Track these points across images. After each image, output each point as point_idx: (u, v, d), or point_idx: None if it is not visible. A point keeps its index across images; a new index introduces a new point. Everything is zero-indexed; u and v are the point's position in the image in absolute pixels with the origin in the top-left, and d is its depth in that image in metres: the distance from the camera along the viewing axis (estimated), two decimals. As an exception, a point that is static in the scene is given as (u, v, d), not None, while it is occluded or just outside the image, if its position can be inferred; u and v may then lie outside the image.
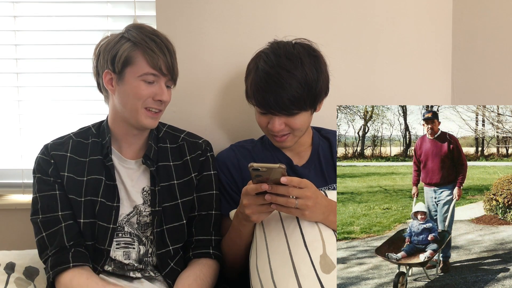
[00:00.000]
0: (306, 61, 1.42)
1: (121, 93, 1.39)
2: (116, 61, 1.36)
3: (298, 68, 1.40)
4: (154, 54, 1.36)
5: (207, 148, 1.54)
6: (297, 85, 1.39)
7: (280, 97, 1.38)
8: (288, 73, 1.39)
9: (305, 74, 1.40)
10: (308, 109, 1.45)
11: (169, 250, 1.44)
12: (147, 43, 1.36)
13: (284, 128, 1.45)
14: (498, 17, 1.77)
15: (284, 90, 1.38)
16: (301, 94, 1.39)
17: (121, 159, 1.47)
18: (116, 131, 1.46)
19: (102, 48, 1.41)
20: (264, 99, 1.40)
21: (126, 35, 1.38)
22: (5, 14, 1.92)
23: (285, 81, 1.38)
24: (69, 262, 1.35)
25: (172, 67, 1.40)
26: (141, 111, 1.39)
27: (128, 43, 1.37)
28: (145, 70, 1.36)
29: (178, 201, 1.46)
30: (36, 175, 1.43)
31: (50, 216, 1.39)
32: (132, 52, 1.36)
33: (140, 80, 1.37)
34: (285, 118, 1.43)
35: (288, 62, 1.40)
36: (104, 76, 1.39)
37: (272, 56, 1.42)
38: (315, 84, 1.42)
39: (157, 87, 1.39)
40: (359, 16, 1.79)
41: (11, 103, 1.96)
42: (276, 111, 1.41)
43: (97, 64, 1.42)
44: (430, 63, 1.83)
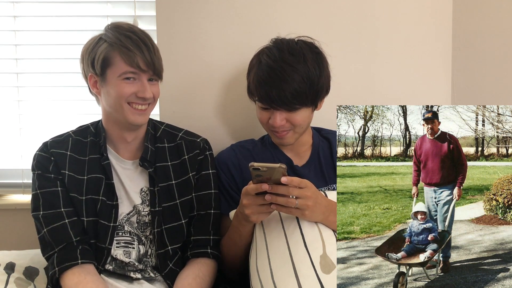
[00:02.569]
0: (308, 57, 1.42)
1: (105, 95, 1.39)
2: (95, 64, 1.37)
3: (300, 63, 1.40)
4: (130, 52, 1.34)
5: (205, 146, 1.53)
6: (300, 80, 1.39)
7: (282, 91, 1.38)
8: (291, 68, 1.39)
9: (307, 70, 1.41)
10: (310, 105, 1.45)
11: (168, 250, 1.44)
12: (122, 41, 1.35)
13: (285, 124, 1.45)
14: (498, 17, 1.77)
15: (286, 84, 1.38)
16: (303, 89, 1.40)
17: (119, 159, 1.47)
18: (110, 131, 1.46)
19: (84, 51, 1.41)
20: (267, 93, 1.40)
21: (103, 36, 1.39)
22: (5, 14, 1.92)
23: (288, 75, 1.38)
24: (77, 258, 1.34)
25: (152, 62, 1.37)
26: (125, 107, 1.38)
27: (105, 44, 1.37)
28: (124, 69, 1.36)
29: (177, 201, 1.46)
30: (36, 172, 1.43)
31: (52, 212, 1.39)
32: (109, 53, 1.36)
33: (120, 79, 1.36)
34: (286, 113, 1.43)
35: (291, 57, 1.41)
36: (89, 79, 1.40)
37: (275, 51, 1.43)
38: (317, 80, 1.43)
39: (139, 84, 1.38)
40: (359, 16, 1.79)
41: (11, 103, 1.95)
42: (278, 106, 1.41)
43: (83, 67, 1.43)
44: (430, 63, 1.83)
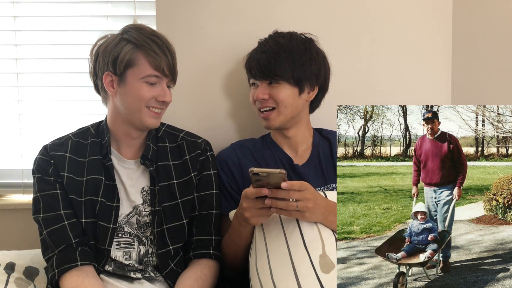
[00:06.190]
0: (296, 39, 1.53)
1: (123, 95, 1.39)
2: (118, 63, 1.35)
3: (285, 40, 1.51)
4: (157, 55, 1.36)
5: (206, 147, 1.53)
6: (280, 51, 1.48)
7: (262, 59, 1.49)
8: (275, 42, 1.51)
9: (291, 46, 1.49)
10: (292, 83, 1.49)
11: (169, 250, 1.44)
12: (149, 44, 1.36)
13: (268, 100, 1.50)
14: (498, 17, 1.77)
15: (267, 54, 1.49)
16: (282, 61, 1.47)
17: (120, 159, 1.47)
18: (115, 131, 1.46)
19: (101, 50, 1.40)
20: (250, 64, 1.53)
21: (125, 36, 1.38)
22: (5, 14, 1.92)
23: (270, 47, 1.51)
24: (76, 260, 1.35)
25: (173, 68, 1.40)
26: (144, 111, 1.39)
27: (130, 44, 1.36)
28: (148, 72, 1.36)
29: (178, 200, 1.46)
30: (36, 175, 1.43)
31: (52, 215, 1.39)
32: (134, 54, 1.36)
33: (142, 82, 1.37)
34: (268, 87, 1.50)
35: (278, 37, 1.54)
36: (104, 78, 1.39)
37: (268, 36, 1.57)
38: (300, 58, 1.49)
39: (160, 88, 1.39)
40: (359, 16, 1.79)
41: (11, 103, 1.96)
42: (257, 75, 1.50)
43: (96, 65, 1.42)
44: (430, 63, 1.83)
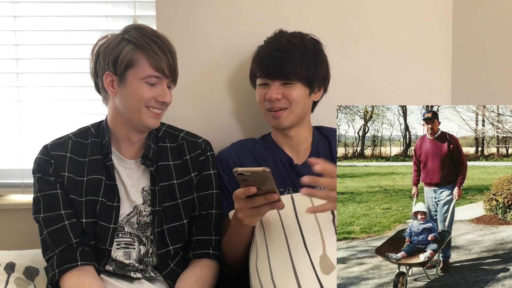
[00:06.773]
0: (307, 39, 1.53)
1: (123, 95, 1.39)
2: (119, 63, 1.35)
3: (298, 40, 1.50)
4: (157, 56, 1.35)
5: (206, 147, 1.53)
6: (295, 51, 1.47)
7: (278, 59, 1.46)
8: (288, 42, 1.49)
9: (304, 47, 1.49)
10: (305, 83, 1.48)
11: (170, 250, 1.44)
12: (150, 45, 1.36)
13: (282, 100, 1.47)
14: (498, 17, 1.76)
15: (282, 53, 1.47)
16: (298, 61, 1.46)
17: (121, 159, 1.47)
18: (116, 131, 1.46)
19: (102, 49, 1.40)
20: (262, 63, 1.49)
21: (126, 36, 1.38)
22: (5, 14, 1.92)
23: (286, 47, 1.48)
24: (77, 260, 1.35)
25: (174, 68, 1.40)
26: (144, 111, 1.38)
27: (130, 45, 1.36)
28: (148, 72, 1.36)
29: (178, 200, 1.46)
30: (37, 175, 1.43)
31: (52, 214, 1.39)
32: (134, 54, 1.35)
33: (142, 82, 1.36)
34: (282, 87, 1.47)
35: (290, 36, 1.52)
36: (105, 78, 1.39)
37: (274, 35, 1.56)
38: (313, 59, 1.49)
39: (160, 89, 1.39)
40: (359, 16, 1.79)
41: (11, 103, 1.95)
42: (274, 75, 1.46)
43: (96, 65, 1.42)
44: (430, 63, 1.83)
